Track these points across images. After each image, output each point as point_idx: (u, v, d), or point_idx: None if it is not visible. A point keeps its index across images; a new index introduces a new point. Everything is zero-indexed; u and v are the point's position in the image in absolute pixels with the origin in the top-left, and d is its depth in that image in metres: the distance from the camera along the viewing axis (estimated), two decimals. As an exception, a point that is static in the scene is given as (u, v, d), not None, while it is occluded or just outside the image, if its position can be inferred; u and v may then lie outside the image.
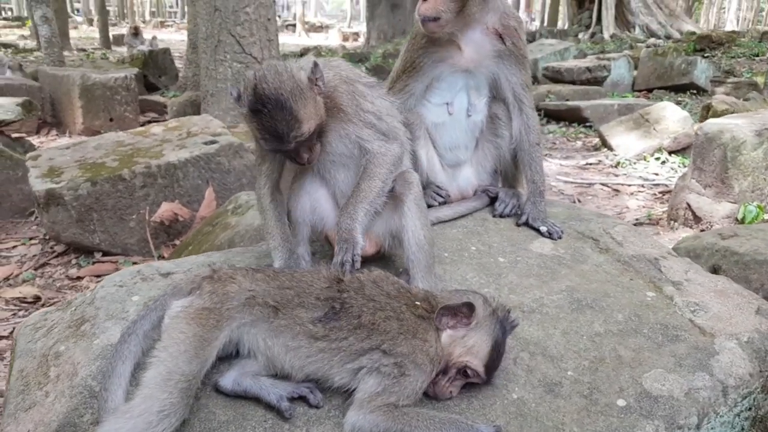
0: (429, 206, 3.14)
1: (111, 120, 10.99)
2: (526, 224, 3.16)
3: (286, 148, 2.29)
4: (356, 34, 38.57)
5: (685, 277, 2.77)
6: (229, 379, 2.02)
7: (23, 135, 9.03)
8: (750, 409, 2.27)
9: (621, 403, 2.08)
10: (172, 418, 1.81)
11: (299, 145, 2.30)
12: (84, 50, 24.17)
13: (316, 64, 2.35)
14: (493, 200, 3.35)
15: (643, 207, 7.61)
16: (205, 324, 1.95)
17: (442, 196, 3.23)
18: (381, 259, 2.70)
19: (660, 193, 8.17)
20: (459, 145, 3.28)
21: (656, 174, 8.95)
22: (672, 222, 6.90)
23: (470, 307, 2.04)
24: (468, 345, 2.05)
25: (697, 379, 2.18)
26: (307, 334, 2.00)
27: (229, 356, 2.07)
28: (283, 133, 2.23)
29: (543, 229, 3.09)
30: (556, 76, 15.28)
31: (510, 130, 3.25)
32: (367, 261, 2.48)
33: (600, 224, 3.22)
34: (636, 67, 16.55)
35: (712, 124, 6.83)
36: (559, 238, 3.06)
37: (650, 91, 15.62)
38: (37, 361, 2.21)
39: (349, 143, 2.53)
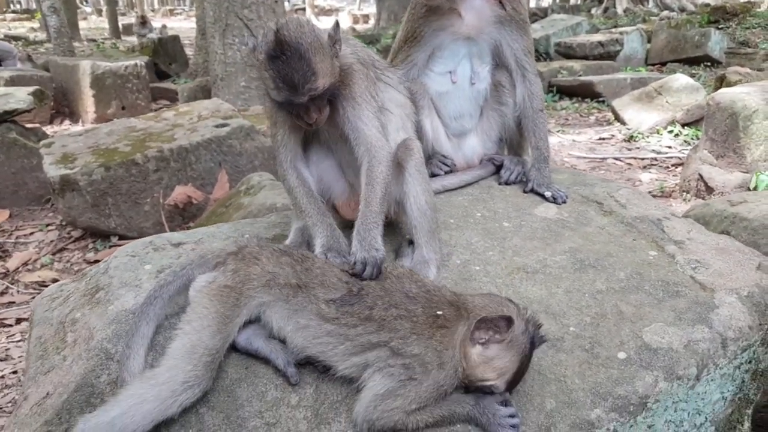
0: (435, 175, 3.18)
1: (123, 108, 11.08)
2: (532, 191, 3.18)
3: (298, 100, 2.24)
4: (366, 16, 38.35)
5: (688, 237, 2.80)
6: (243, 337, 2.07)
7: (37, 125, 9.14)
8: (750, 362, 2.31)
9: (621, 355, 2.13)
10: (196, 389, 1.89)
11: (311, 101, 2.26)
12: (94, 40, 24.25)
13: (337, 24, 2.35)
14: (498, 168, 3.37)
15: (656, 180, 7.58)
16: (226, 302, 2.00)
17: (447, 165, 3.25)
18: (388, 225, 2.73)
19: (673, 165, 8.14)
20: (463, 113, 3.30)
21: (669, 147, 8.90)
22: (684, 193, 6.88)
23: (509, 321, 1.91)
24: (497, 366, 1.94)
25: (697, 332, 2.22)
26: (318, 313, 2.02)
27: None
28: (298, 83, 2.20)
29: (547, 194, 3.11)
30: (568, 52, 15.15)
31: (514, 97, 3.26)
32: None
33: (604, 188, 3.24)
34: (649, 41, 16.38)
35: (724, 93, 6.77)
36: (564, 202, 3.08)
37: (664, 64, 15.45)
38: (54, 328, 2.30)
39: (355, 120, 2.54)
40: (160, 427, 1.87)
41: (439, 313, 1.99)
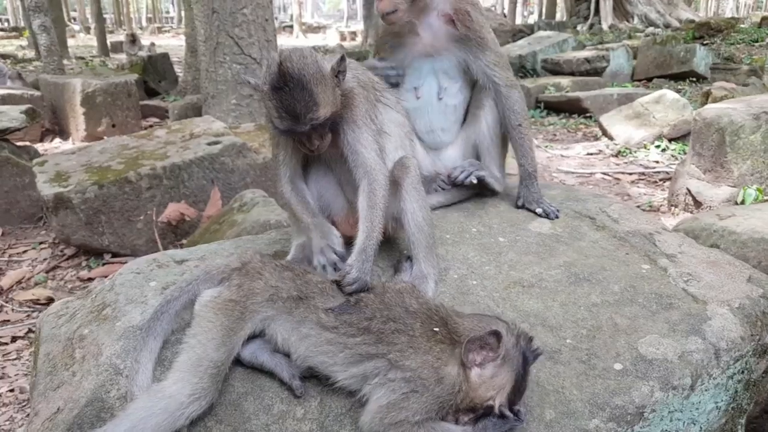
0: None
1: (113, 126, 11.08)
2: (522, 207, 3.24)
3: (300, 129, 2.32)
4: (354, 34, 38.64)
5: (679, 250, 2.87)
6: (248, 351, 2.11)
7: (27, 143, 9.15)
8: (743, 372, 2.37)
9: (618, 366, 2.18)
10: (203, 401, 1.92)
11: (312, 129, 2.33)
12: (82, 58, 24.28)
13: (343, 58, 2.40)
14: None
15: (644, 194, 7.68)
16: (230, 315, 2.05)
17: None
18: (387, 241, 2.79)
19: (661, 180, 8.25)
20: (434, 128, 3.34)
21: (657, 162, 9.02)
22: (673, 208, 6.98)
23: (497, 336, 1.92)
24: (496, 384, 1.96)
25: (690, 343, 2.28)
26: (318, 322, 2.06)
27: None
28: (300, 114, 2.27)
29: (538, 210, 3.16)
30: (555, 68, 15.34)
31: (494, 115, 3.27)
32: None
33: (596, 203, 3.31)
34: (635, 57, 16.62)
35: (710, 109, 6.88)
36: (556, 217, 3.14)
37: (650, 80, 15.69)
38: (62, 344, 2.32)
39: (354, 143, 2.61)
40: (169, 440, 1.90)
41: (436, 329, 2.02)
